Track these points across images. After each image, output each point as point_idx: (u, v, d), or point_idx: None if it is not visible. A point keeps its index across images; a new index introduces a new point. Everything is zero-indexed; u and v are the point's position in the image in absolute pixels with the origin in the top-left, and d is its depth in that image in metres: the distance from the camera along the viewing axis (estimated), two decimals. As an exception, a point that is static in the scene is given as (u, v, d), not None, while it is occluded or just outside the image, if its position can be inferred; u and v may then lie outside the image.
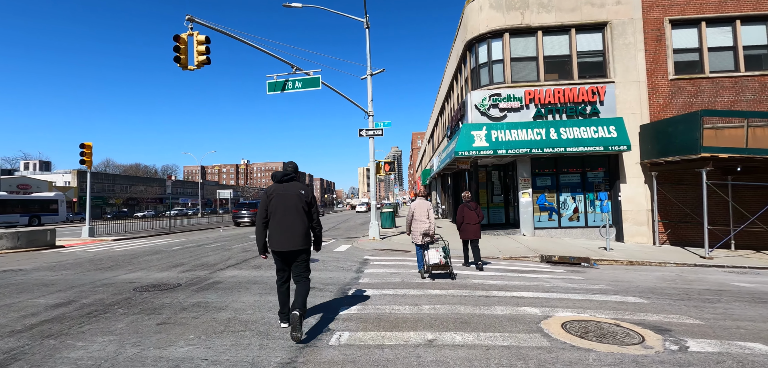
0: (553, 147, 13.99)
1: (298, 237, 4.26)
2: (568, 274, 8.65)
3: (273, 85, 13.22)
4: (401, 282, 7.13)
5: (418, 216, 7.70)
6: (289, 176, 4.46)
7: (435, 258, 7.39)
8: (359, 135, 15.34)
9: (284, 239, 4.23)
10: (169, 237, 19.44)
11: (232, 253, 11.70)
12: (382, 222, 21.35)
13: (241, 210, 28.71)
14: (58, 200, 39.73)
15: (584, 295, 6.27)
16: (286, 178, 4.44)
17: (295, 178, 4.51)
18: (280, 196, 4.33)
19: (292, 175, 4.48)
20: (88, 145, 18.43)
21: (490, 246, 12.89)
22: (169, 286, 6.92)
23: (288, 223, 4.25)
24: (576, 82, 14.99)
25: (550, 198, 15.32)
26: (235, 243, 14.84)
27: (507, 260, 11.01)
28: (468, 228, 8.91)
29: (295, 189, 4.38)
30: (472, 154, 14.24)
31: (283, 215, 4.27)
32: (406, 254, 11.56)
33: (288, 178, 4.45)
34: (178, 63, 10.47)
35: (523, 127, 14.50)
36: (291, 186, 4.40)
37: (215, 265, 9.34)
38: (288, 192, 4.35)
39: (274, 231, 4.29)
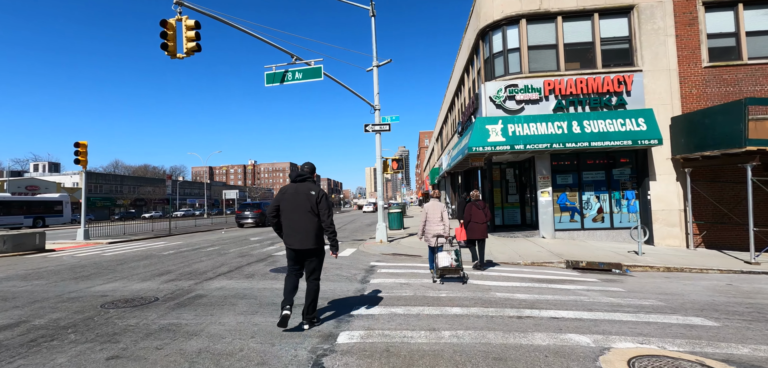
0: (576, 141, 12.82)
1: (306, 237, 4.33)
2: (604, 285, 7.52)
3: (271, 77, 12.25)
4: (413, 297, 6.08)
5: (432, 218, 7.56)
6: (302, 176, 4.54)
7: (445, 261, 7.09)
8: (365, 130, 14.31)
9: (294, 238, 4.35)
10: (167, 239, 18.62)
11: (227, 259, 10.75)
12: (390, 224, 20.30)
13: (244, 211, 27.87)
14: (63, 201, 39.37)
15: (637, 315, 5.16)
16: (299, 178, 4.53)
17: (309, 178, 4.57)
18: (291, 195, 4.43)
19: (306, 176, 4.56)
20: (83, 144, 17.68)
21: (509, 250, 11.78)
22: (144, 301, 5.95)
23: (297, 222, 4.35)
24: (600, 71, 13.79)
25: (572, 198, 14.14)
26: (233, 247, 13.91)
27: (529, 266, 9.90)
28: (475, 228, 8.55)
29: (306, 189, 4.44)
30: (487, 149, 13.13)
31: (292, 214, 4.38)
32: (416, 259, 10.51)
33: (301, 178, 4.53)
34: (165, 50, 9.54)
35: (542, 120, 13.34)
36: (303, 186, 4.48)
37: (204, 273, 8.38)
38: (299, 191, 4.44)
39: (286, 229, 4.44)
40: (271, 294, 6.26)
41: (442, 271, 7.10)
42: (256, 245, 14.44)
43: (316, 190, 4.47)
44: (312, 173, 4.62)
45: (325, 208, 4.44)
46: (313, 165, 4.69)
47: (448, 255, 7.20)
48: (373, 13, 14.48)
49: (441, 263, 7.09)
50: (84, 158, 17.64)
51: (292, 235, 4.35)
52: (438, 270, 7.13)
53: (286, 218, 4.42)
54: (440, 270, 7.09)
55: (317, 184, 4.85)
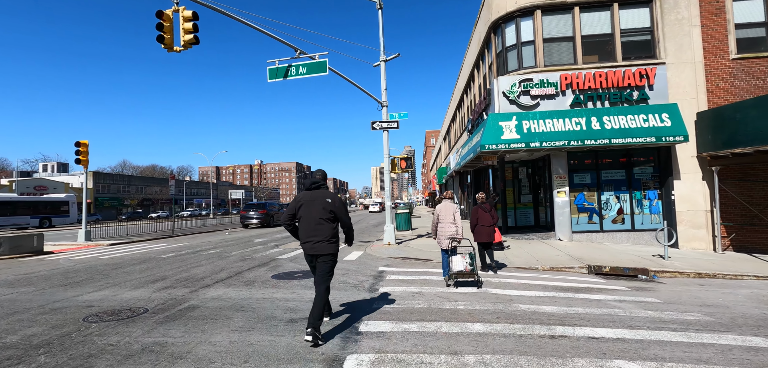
0: (595, 138, 12.11)
1: (321, 244, 4.45)
2: (636, 294, 6.85)
3: (274, 72, 11.71)
4: (428, 310, 5.47)
5: (444, 220, 7.31)
6: (317, 184, 4.66)
7: (460, 265, 6.91)
8: (372, 128, 13.72)
9: (309, 244, 4.48)
10: (169, 241, 18.19)
11: (227, 263, 10.22)
12: (397, 225, 19.69)
13: (248, 211, 27.43)
14: (69, 201, 39.32)
15: (686, 334, 4.50)
16: (314, 185, 4.65)
17: (323, 185, 4.70)
18: (307, 204, 4.55)
19: (320, 183, 4.68)
20: (84, 143, 17.31)
21: (525, 253, 11.11)
22: (131, 314, 5.41)
23: (313, 230, 4.47)
24: (620, 64, 13.05)
25: (590, 198, 13.41)
26: (236, 250, 13.40)
27: (548, 272, 9.24)
28: (482, 231, 8.40)
29: (321, 197, 4.56)
30: (501, 147, 12.47)
31: (309, 222, 4.50)
32: (427, 264, 9.89)
33: (316, 186, 4.64)
34: (161, 43, 9.03)
35: (559, 116, 12.64)
36: (318, 193, 4.60)
37: (201, 280, 7.84)
38: (314, 199, 4.55)
39: (302, 236, 4.56)
40: (271, 306, 5.69)
41: (456, 275, 6.87)
42: (259, 247, 13.92)
43: (332, 197, 4.61)
44: (324, 180, 4.77)
45: (343, 211, 4.65)
46: (324, 172, 4.81)
47: (463, 259, 6.97)
48: (380, 6, 13.88)
49: (455, 267, 6.89)
50: (85, 157, 17.27)
51: (309, 241, 4.49)
52: (452, 275, 6.90)
53: (303, 225, 4.55)
54: (454, 274, 6.87)
55: (331, 191, 4.92)
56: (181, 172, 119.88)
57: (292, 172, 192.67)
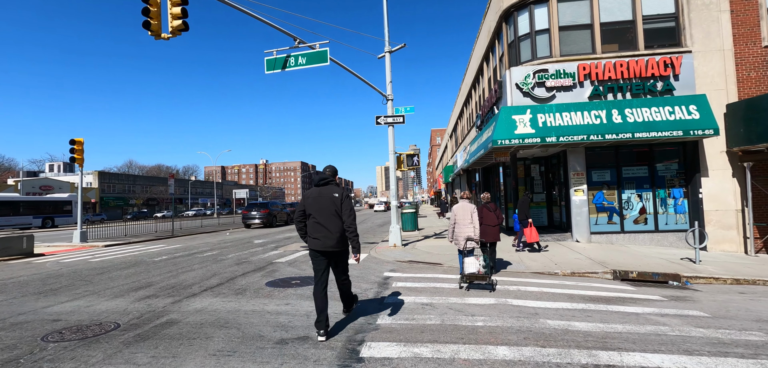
0: (617, 132, 11.24)
1: (331, 239, 4.39)
2: (676, 305, 6.03)
3: (272, 63, 10.99)
4: (441, 327, 4.70)
5: (462, 220, 7.09)
6: (325, 180, 4.60)
7: (473, 266, 6.69)
8: (376, 123, 12.95)
9: (319, 241, 4.40)
10: (167, 242, 17.58)
11: (221, 267, 9.52)
12: (403, 225, 18.91)
13: (250, 211, 26.78)
14: (72, 201, 39.02)
15: (759, 362, 3.69)
16: (322, 181, 4.60)
17: (331, 181, 4.63)
18: (315, 199, 4.49)
19: (329, 179, 4.62)
20: (79, 141, 16.74)
21: (541, 256, 10.28)
22: (99, 331, 4.71)
23: (321, 225, 4.40)
24: (642, 53, 12.16)
25: (610, 197, 12.54)
26: (233, 251, 12.71)
27: (570, 277, 8.42)
28: (487, 230, 8.12)
29: (329, 193, 4.50)
30: (514, 143, 11.64)
31: (317, 217, 4.43)
32: (436, 269, 9.11)
33: (324, 182, 4.59)
34: (148, 29, 8.33)
35: (577, 109, 11.79)
36: (325, 189, 4.54)
37: (189, 287, 7.14)
38: (322, 195, 4.50)
39: (311, 233, 4.49)
40: (260, 322, 4.95)
41: (468, 277, 6.70)
42: (257, 249, 13.22)
43: (340, 192, 4.54)
44: (334, 176, 4.69)
45: (347, 210, 4.48)
46: (334, 168, 4.73)
47: (476, 260, 6.76)
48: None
49: (468, 269, 6.69)
50: (80, 155, 16.71)
51: (317, 237, 4.42)
52: (464, 276, 6.72)
53: (311, 221, 4.50)
54: (467, 276, 6.69)
55: (339, 186, 4.75)
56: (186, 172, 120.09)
57: (297, 171, 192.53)
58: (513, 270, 8.86)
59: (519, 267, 9.21)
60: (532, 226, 10.69)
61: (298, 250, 12.63)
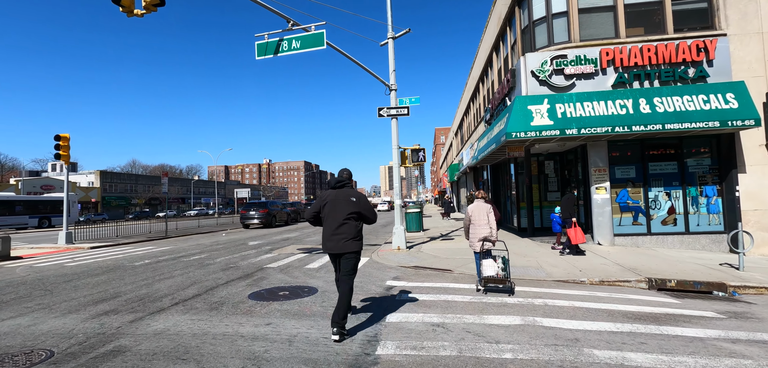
0: (645, 124, 10.12)
1: (345, 242, 4.43)
2: (737, 324, 4.94)
3: (263, 48, 9.98)
4: (459, 360, 3.66)
5: (477, 221, 6.77)
6: (342, 183, 4.66)
7: (490, 270, 6.43)
8: (379, 115, 11.91)
9: (333, 243, 4.46)
10: (158, 244, 16.64)
11: (204, 274, 8.52)
12: (408, 225, 17.87)
13: (249, 210, 25.82)
14: (70, 200, 38.29)
15: None
16: (339, 184, 4.65)
17: (348, 184, 4.70)
18: (332, 203, 4.55)
19: (345, 182, 4.68)
20: (65, 137, 15.84)
21: (563, 262, 9.20)
22: (25, 361, 3.71)
23: (337, 229, 4.46)
24: (671, 36, 11.03)
25: (635, 195, 11.42)
26: (223, 255, 11.72)
27: (599, 287, 7.35)
28: None
29: (346, 196, 4.56)
30: (530, 135, 10.54)
31: (334, 221, 4.49)
32: (446, 276, 8.06)
33: (340, 185, 4.65)
34: (119, 5, 7.34)
35: (600, 98, 10.68)
36: (342, 192, 4.60)
37: (159, 300, 6.14)
38: (339, 198, 4.54)
39: (326, 235, 4.53)
40: (228, 351, 3.93)
41: (486, 280, 6.40)
42: (250, 252, 12.23)
43: (357, 196, 4.61)
44: (350, 179, 4.75)
45: (368, 209, 4.62)
46: (350, 171, 4.79)
47: (494, 263, 6.49)
48: (388, -25, 12.06)
49: (486, 272, 6.40)
50: (66, 152, 15.81)
51: (332, 240, 4.47)
52: (482, 280, 6.43)
53: (327, 224, 4.55)
54: (485, 279, 6.39)
55: (355, 189, 4.77)
56: (189, 171, 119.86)
57: (300, 170, 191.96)
58: (532, 277, 7.80)
59: (538, 273, 8.13)
60: (576, 226, 9.64)
61: (294, 253, 11.63)
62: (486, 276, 6.34)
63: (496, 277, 6.33)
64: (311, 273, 8.24)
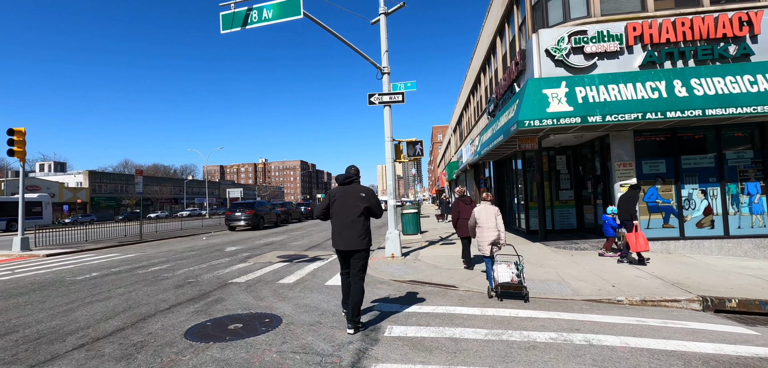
0: (683, 109, 8.58)
1: (354, 239, 4.47)
2: None
3: (229, 19, 8.36)
4: None
5: (485, 224, 6.44)
6: (350, 179, 4.69)
7: (505, 276, 5.99)
8: (369, 102, 10.32)
9: (343, 240, 4.50)
10: (124, 249, 14.99)
11: (149, 294, 6.91)
12: (404, 228, 16.30)
13: (234, 212, 24.14)
14: (43, 202, 36.46)
15: None
16: (347, 180, 4.68)
17: (355, 180, 4.73)
18: (341, 198, 4.56)
19: (353, 178, 4.71)
20: (20, 131, 14.14)
21: (587, 273, 7.63)
22: None
23: (346, 225, 4.47)
24: (708, 9, 9.51)
25: (666, 193, 9.89)
26: (187, 266, 10.10)
27: (640, 307, 5.84)
28: (466, 225, 7.78)
29: (355, 192, 4.60)
30: (546, 124, 8.96)
31: (343, 217, 4.50)
32: (450, 295, 6.48)
33: (349, 181, 4.68)
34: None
35: (627, 80, 9.13)
36: (351, 188, 4.63)
37: (62, 340, 4.53)
38: (348, 194, 4.58)
39: (336, 232, 4.57)
40: None
41: (501, 287, 6.03)
42: (222, 261, 10.62)
43: (366, 191, 4.61)
44: (357, 175, 4.74)
45: (377, 204, 4.64)
46: (357, 167, 4.80)
47: (508, 268, 6.09)
48: (380, -59, 10.46)
49: (501, 278, 6.04)
50: (21, 148, 14.11)
51: (342, 237, 4.47)
52: (497, 286, 6.07)
53: (336, 220, 4.55)
54: (500, 286, 6.04)
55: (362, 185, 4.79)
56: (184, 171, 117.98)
57: (296, 170, 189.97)
58: (556, 294, 6.25)
59: (562, 289, 6.58)
60: (638, 231, 8.04)
61: (271, 262, 10.04)
62: (501, 283, 5.98)
63: (512, 283, 5.97)
64: (282, 293, 6.65)
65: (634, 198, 8.30)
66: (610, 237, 9.07)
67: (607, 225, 9.09)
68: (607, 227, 9.12)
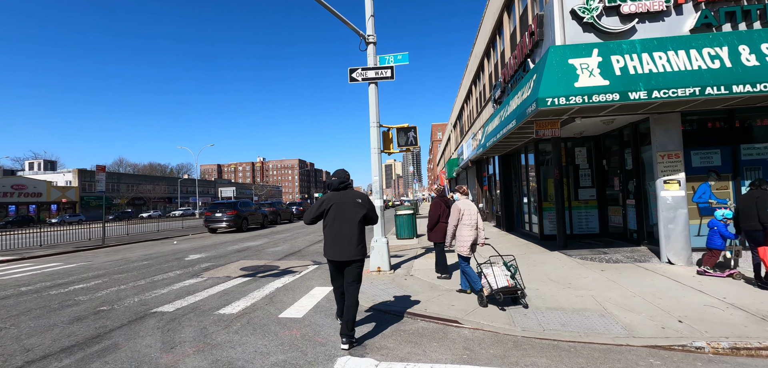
0: (753, 83, 6.57)
1: (352, 248, 4.26)
2: None
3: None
4: None
5: (469, 222, 5.86)
6: (345, 184, 4.48)
7: (503, 280, 5.41)
8: (351, 79, 8.31)
9: (339, 250, 4.26)
10: (72, 257, 13.01)
11: (16, 338, 4.93)
12: (398, 231, 14.33)
13: (214, 212, 22.10)
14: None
15: None
16: (342, 186, 4.45)
17: (350, 185, 4.54)
18: (338, 206, 4.33)
19: (347, 183, 4.50)
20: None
21: (637, 298, 5.62)
22: None
23: (344, 234, 4.26)
24: (778, -43, 7.49)
25: (721, 192, 7.89)
26: (120, 284, 8.09)
27: (730, 356, 3.83)
28: (445, 229, 6.77)
29: (351, 198, 4.39)
30: (574, 102, 6.93)
31: (339, 226, 4.28)
32: (453, 341, 4.48)
33: (344, 186, 4.47)
34: None
35: (678, 46, 7.12)
36: (347, 194, 4.42)
37: None
38: (345, 201, 4.36)
39: (329, 241, 4.31)
40: None
41: (501, 292, 5.28)
42: (169, 276, 8.61)
43: (362, 196, 4.46)
44: (349, 178, 4.55)
45: (372, 209, 4.50)
46: (347, 171, 4.58)
47: (501, 271, 5.52)
48: None
49: (499, 282, 5.35)
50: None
51: (337, 247, 4.26)
52: (496, 291, 5.28)
53: (331, 230, 4.30)
54: (498, 290, 5.28)
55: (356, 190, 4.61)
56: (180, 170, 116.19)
57: (294, 169, 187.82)
58: (600, 333, 4.31)
59: (609, 325, 4.60)
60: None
61: (230, 277, 8.05)
62: (500, 288, 5.36)
63: (508, 286, 5.42)
64: (210, 335, 4.66)
65: (753, 199, 6.16)
66: (716, 250, 6.83)
67: (716, 234, 6.83)
68: (715, 236, 6.84)
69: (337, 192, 4.40)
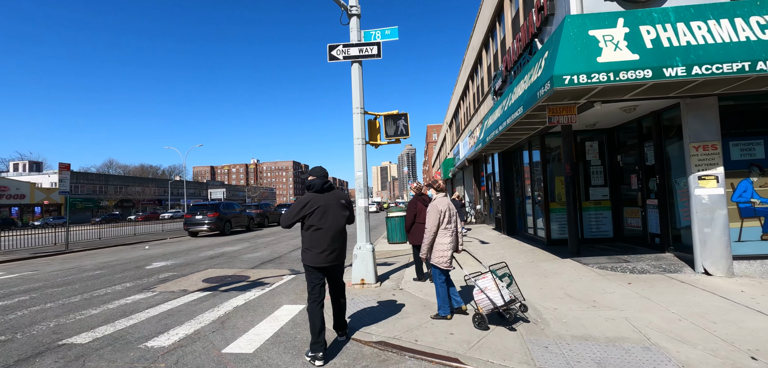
0: (812, 56, 5.39)
1: (342, 252, 4.10)
2: None
3: None
4: None
5: (449, 226, 4.86)
6: (329, 185, 4.12)
7: (507, 294, 4.44)
8: (330, 57, 7.05)
9: (334, 256, 3.98)
10: (23, 264, 11.60)
11: None
12: (389, 235, 13.08)
13: (195, 214, 20.69)
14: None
15: None
16: (326, 187, 4.09)
17: (332, 186, 4.18)
18: (324, 208, 3.96)
19: (330, 183, 4.14)
20: None
21: (685, 323, 4.37)
22: None
23: (335, 238, 3.98)
24: None
25: (763, 190, 6.71)
26: (52, 300, 6.75)
27: None
28: (422, 230, 5.52)
29: (336, 200, 4.08)
30: (598, 79, 5.70)
31: (330, 230, 3.94)
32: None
33: (329, 187, 4.13)
34: None
35: (719, 15, 5.93)
36: (331, 196, 4.08)
37: None
38: (330, 203, 4.02)
39: (318, 247, 3.89)
40: None
41: (507, 306, 4.40)
42: (115, 290, 7.27)
43: (345, 198, 4.20)
44: (328, 177, 4.19)
45: (352, 210, 4.30)
46: (325, 169, 4.17)
47: (493, 281, 4.48)
48: None
49: (497, 301, 4.36)
50: None
51: (331, 253, 3.93)
52: (502, 307, 4.39)
53: (320, 235, 3.90)
54: (505, 305, 4.36)
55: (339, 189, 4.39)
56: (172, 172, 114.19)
57: (289, 170, 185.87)
58: (642, 365, 3.02)
59: (660, 362, 3.35)
60: None
61: (188, 291, 6.73)
62: (508, 301, 4.36)
63: (516, 299, 4.56)
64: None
65: None
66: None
67: None
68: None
69: (321, 194, 4.02)
